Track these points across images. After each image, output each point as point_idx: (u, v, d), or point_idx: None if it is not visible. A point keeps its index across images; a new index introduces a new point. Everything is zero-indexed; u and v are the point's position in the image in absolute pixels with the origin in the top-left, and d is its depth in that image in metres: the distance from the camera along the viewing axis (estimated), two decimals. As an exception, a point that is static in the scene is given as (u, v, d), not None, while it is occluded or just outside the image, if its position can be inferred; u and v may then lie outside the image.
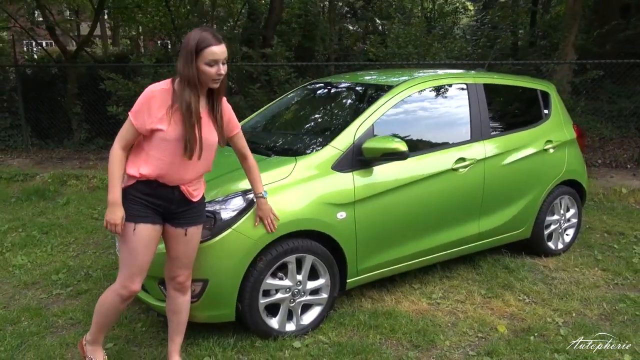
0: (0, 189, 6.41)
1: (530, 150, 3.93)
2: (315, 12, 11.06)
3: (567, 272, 3.95)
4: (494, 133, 3.80)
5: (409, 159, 3.30)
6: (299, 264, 2.95)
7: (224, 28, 11.54)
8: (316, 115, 3.76)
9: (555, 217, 4.24)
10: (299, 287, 2.96)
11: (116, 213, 2.26)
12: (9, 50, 9.90)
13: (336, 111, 3.63)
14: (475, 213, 3.67)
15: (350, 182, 3.05)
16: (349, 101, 3.67)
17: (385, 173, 3.19)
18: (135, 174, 2.28)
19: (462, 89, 3.73)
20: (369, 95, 3.48)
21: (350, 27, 16.86)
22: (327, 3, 13.27)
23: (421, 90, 3.52)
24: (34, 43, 12.01)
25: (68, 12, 14.15)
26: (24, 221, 5.13)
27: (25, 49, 16.78)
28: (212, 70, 2.21)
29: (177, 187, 2.34)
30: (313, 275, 3.04)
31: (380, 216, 3.18)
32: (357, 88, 3.77)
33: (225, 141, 2.47)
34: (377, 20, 12.65)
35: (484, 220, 3.74)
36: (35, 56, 11.89)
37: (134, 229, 2.30)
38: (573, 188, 4.31)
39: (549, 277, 3.84)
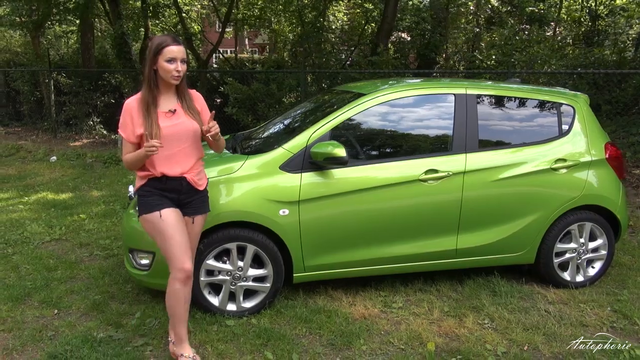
0: (124, 173, 7.84)
1: (531, 168, 3.61)
2: (436, 19, 10.89)
3: (566, 306, 3.54)
4: (485, 147, 3.60)
5: (368, 166, 3.41)
6: (243, 252, 3.28)
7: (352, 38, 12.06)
8: (298, 119, 4.01)
9: (572, 245, 3.79)
10: (240, 273, 3.29)
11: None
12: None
13: (310, 116, 3.84)
14: (451, 228, 3.54)
15: (297, 182, 3.27)
16: (325, 107, 3.84)
17: (338, 178, 3.32)
18: (146, 173, 2.62)
19: (448, 99, 3.61)
20: (340, 103, 3.62)
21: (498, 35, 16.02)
22: (456, 8, 12.90)
23: (395, 99, 3.53)
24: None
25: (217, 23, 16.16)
26: (117, 197, 6.30)
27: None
28: (171, 67, 2.50)
29: (184, 178, 2.62)
30: (261, 264, 3.34)
31: (329, 218, 3.33)
32: (339, 96, 3.91)
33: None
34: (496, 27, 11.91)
35: (463, 236, 3.57)
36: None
37: (160, 216, 2.57)
38: (601, 215, 3.80)
39: (536, 307, 3.49)
